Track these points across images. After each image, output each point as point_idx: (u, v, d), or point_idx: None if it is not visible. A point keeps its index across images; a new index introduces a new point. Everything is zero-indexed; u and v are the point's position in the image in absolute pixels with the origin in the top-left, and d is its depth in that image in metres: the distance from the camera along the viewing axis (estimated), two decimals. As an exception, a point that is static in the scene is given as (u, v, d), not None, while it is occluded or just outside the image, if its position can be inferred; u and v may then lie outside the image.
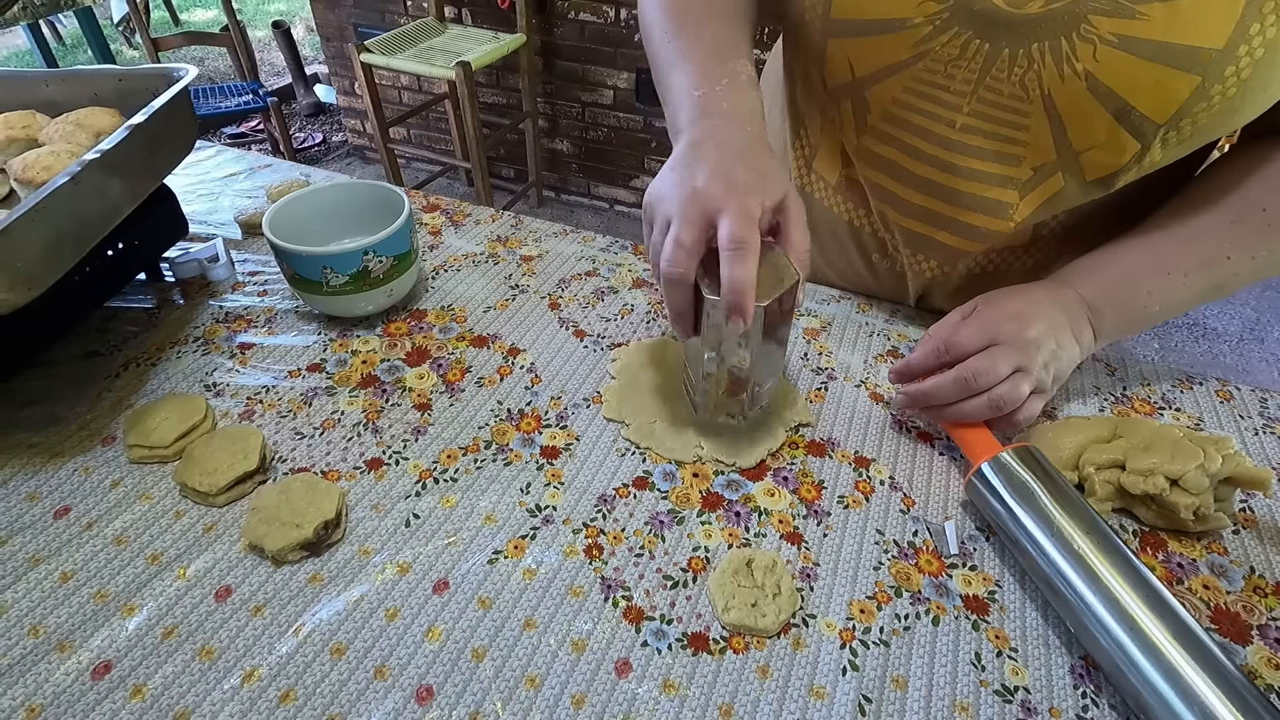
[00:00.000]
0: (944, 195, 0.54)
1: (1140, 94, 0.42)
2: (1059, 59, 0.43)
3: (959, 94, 0.48)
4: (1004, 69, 0.46)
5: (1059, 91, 0.45)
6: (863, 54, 0.50)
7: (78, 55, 3.88)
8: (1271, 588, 0.43)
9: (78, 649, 0.37)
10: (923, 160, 0.53)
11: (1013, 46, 0.45)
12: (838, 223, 0.65)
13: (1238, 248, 0.47)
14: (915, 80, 0.49)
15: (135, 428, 0.48)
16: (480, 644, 0.38)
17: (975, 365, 0.46)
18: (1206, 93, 0.41)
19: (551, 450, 0.50)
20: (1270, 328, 2.18)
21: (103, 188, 0.47)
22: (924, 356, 0.49)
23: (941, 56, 0.47)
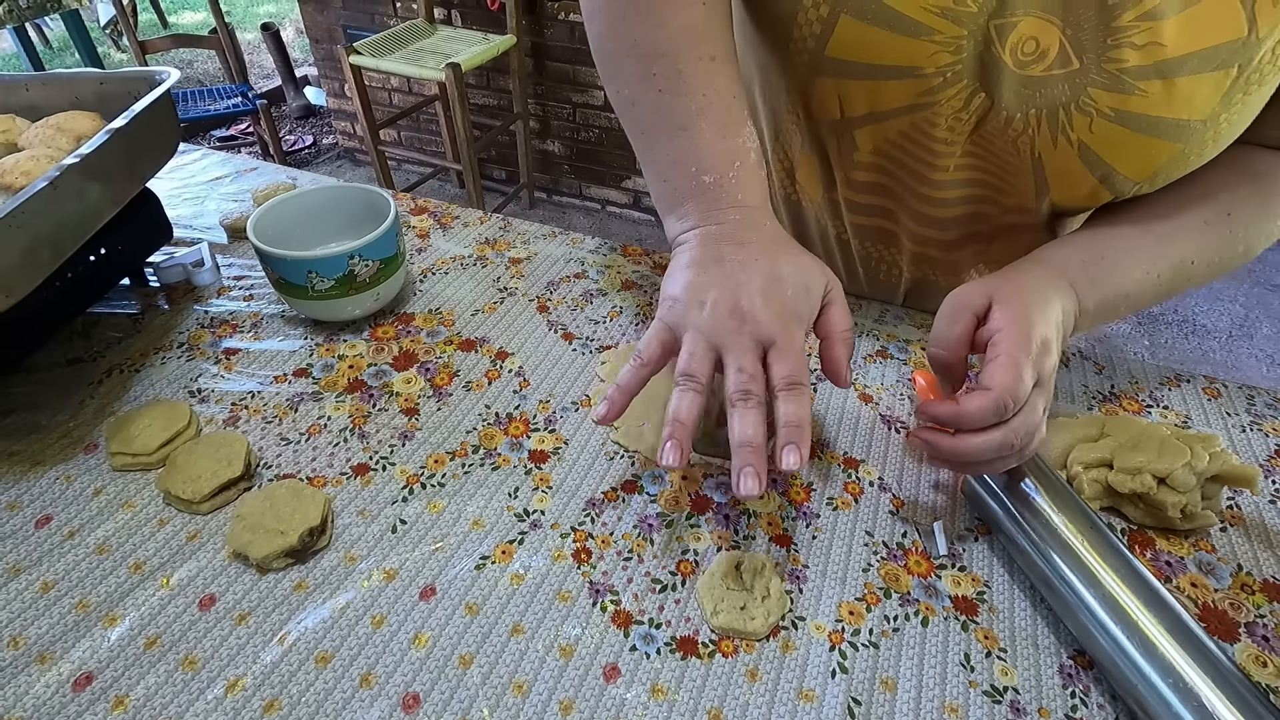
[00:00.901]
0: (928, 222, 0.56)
1: (1126, 161, 0.44)
2: (1055, 128, 0.44)
3: (953, 144, 0.48)
4: (999, 127, 0.46)
5: (1050, 157, 0.45)
6: (856, 95, 0.48)
7: (64, 58, 3.86)
8: (1259, 585, 0.43)
9: (59, 660, 0.37)
10: (913, 196, 0.55)
11: (1011, 109, 0.44)
12: (824, 234, 0.65)
13: (1202, 251, 0.47)
14: (911, 127, 0.49)
15: (118, 435, 0.47)
16: (467, 650, 0.38)
17: (1021, 426, 0.39)
18: (1185, 156, 0.43)
19: (540, 454, 0.49)
20: (1259, 324, 2.19)
21: (82, 192, 0.47)
22: (983, 414, 0.38)
23: (945, 110, 0.46)
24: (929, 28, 0.43)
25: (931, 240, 0.59)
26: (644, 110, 0.45)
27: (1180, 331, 2.16)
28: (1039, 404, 0.39)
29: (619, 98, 0.47)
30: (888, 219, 0.59)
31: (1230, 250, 0.47)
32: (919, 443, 0.43)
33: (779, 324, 0.39)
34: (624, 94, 0.46)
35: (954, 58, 0.44)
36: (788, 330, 0.39)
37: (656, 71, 0.43)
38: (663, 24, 0.43)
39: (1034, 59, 0.42)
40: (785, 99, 0.55)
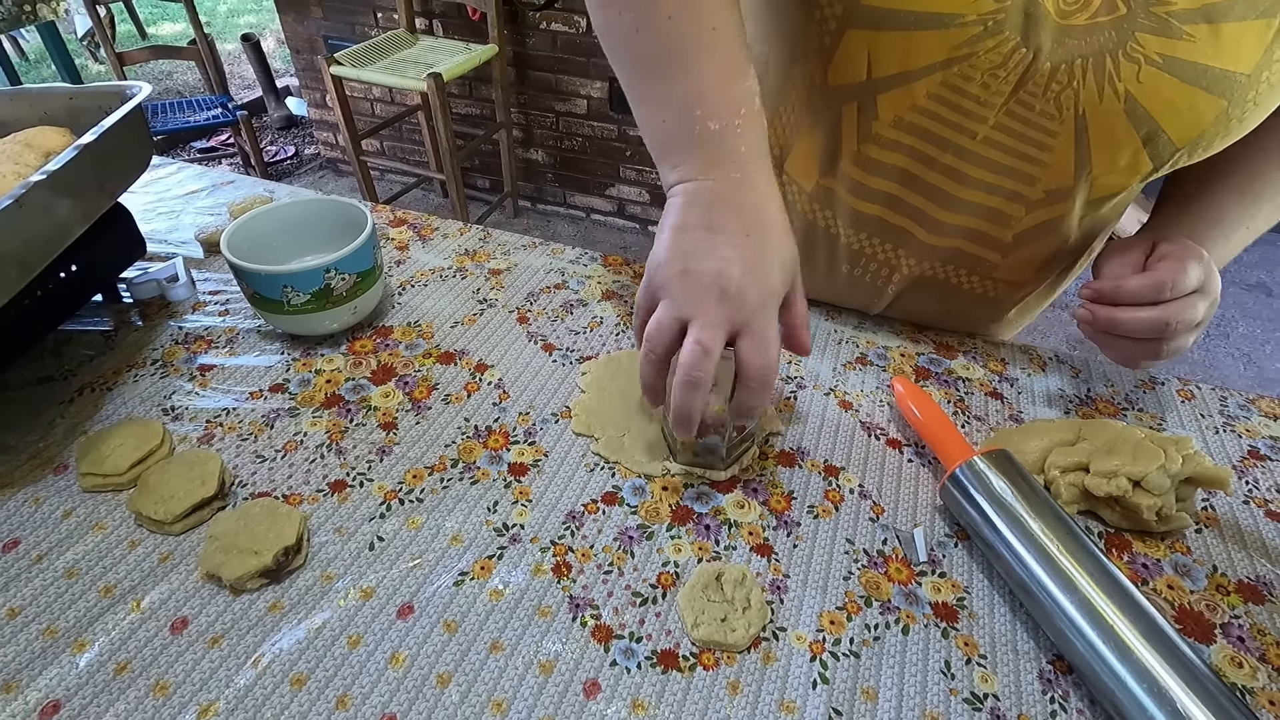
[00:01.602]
0: (947, 203, 0.52)
1: (1172, 117, 0.43)
2: (1101, 77, 0.42)
3: (988, 105, 0.46)
4: (1041, 83, 0.44)
5: (1095, 113, 0.44)
6: (888, 51, 0.45)
7: (41, 71, 3.81)
8: (1234, 586, 0.43)
9: (25, 689, 0.36)
10: (934, 169, 0.51)
11: (1055, 59, 0.43)
12: (808, 229, 0.61)
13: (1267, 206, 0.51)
14: (944, 86, 0.46)
15: (88, 455, 0.46)
16: (445, 669, 0.38)
17: (1180, 312, 0.44)
18: (1227, 116, 0.42)
19: (519, 467, 0.49)
20: (1235, 323, 2.23)
21: (50, 209, 0.46)
22: (1144, 290, 0.45)
23: (982, 64, 0.44)
24: None
25: (945, 236, 0.55)
26: (648, 39, 0.41)
27: (1159, 332, 2.19)
28: (1200, 306, 0.44)
29: (618, 22, 0.42)
30: (895, 209, 0.55)
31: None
32: (1082, 314, 0.47)
33: (757, 307, 0.38)
34: (625, 19, 0.42)
35: (997, 4, 0.42)
36: (765, 313, 0.39)
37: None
38: None
39: (1078, 7, 0.41)
40: (799, 68, 0.52)
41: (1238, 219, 0.50)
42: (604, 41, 0.44)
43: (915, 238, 0.56)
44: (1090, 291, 0.47)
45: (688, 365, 0.38)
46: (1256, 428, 0.54)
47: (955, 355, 0.60)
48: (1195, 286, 0.44)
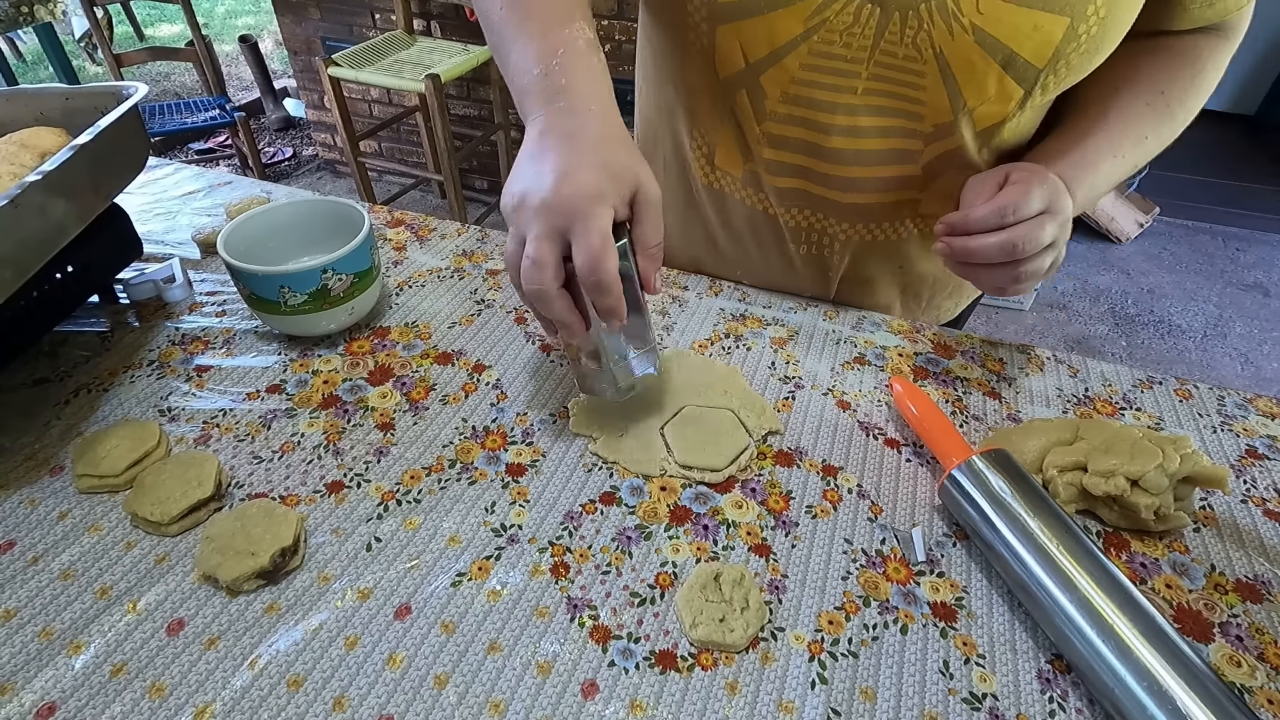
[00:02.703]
0: (854, 159, 0.56)
1: (1022, 40, 0.46)
2: (946, 16, 0.46)
3: (856, 61, 0.50)
4: (896, 31, 0.48)
5: (950, 49, 0.47)
6: (754, 36, 0.50)
7: (39, 72, 3.81)
8: (1232, 585, 0.43)
9: (20, 691, 0.36)
10: (833, 133, 0.55)
11: (902, 9, 0.47)
12: (753, 214, 0.64)
13: (1153, 128, 0.53)
14: (811, 54, 0.50)
15: (84, 456, 0.46)
16: (443, 670, 0.37)
17: (1027, 234, 0.46)
18: (1075, 32, 0.45)
19: (517, 468, 0.49)
20: (1232, 323, 2.23)
21: (45, 210, 0.46)
22: (987, 217, 0.47)
23: (836, 25, 0.48)
24: None
25: (860, 191, 0.58)
26: (496, 26, 0.48)
27: (1156, 332, 2.20)
28: (1048, 227, 0.46)
29: (485, 25, 0.50)
30: (811, 180, 0.59)
31: (1172, 120, 0.54)
32: (939, 248, 0.50)
33: (574, 210, 0.39)
34: (486, 18, 0.49)
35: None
36: (584, 215, 0.38)
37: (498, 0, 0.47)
38: None
39: None
40: (696, 75, 0.57)
41: (1101, 147, 0.52)
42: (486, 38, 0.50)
43: (839, 202, 0.60)
44: (943, 226, 0.50)
45: (524, 279, 0.40)
46: (1254, 427, 0.54)
47: (953, 355, 0.60)
48: (1040, 209, 0.46)
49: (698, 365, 0.57)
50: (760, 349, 0.60)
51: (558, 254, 0.39)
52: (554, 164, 0.40)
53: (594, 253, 0.38)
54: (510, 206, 0.41)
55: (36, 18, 2.39)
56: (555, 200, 0.39)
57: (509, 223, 0.42)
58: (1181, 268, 2.48)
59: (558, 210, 0.39)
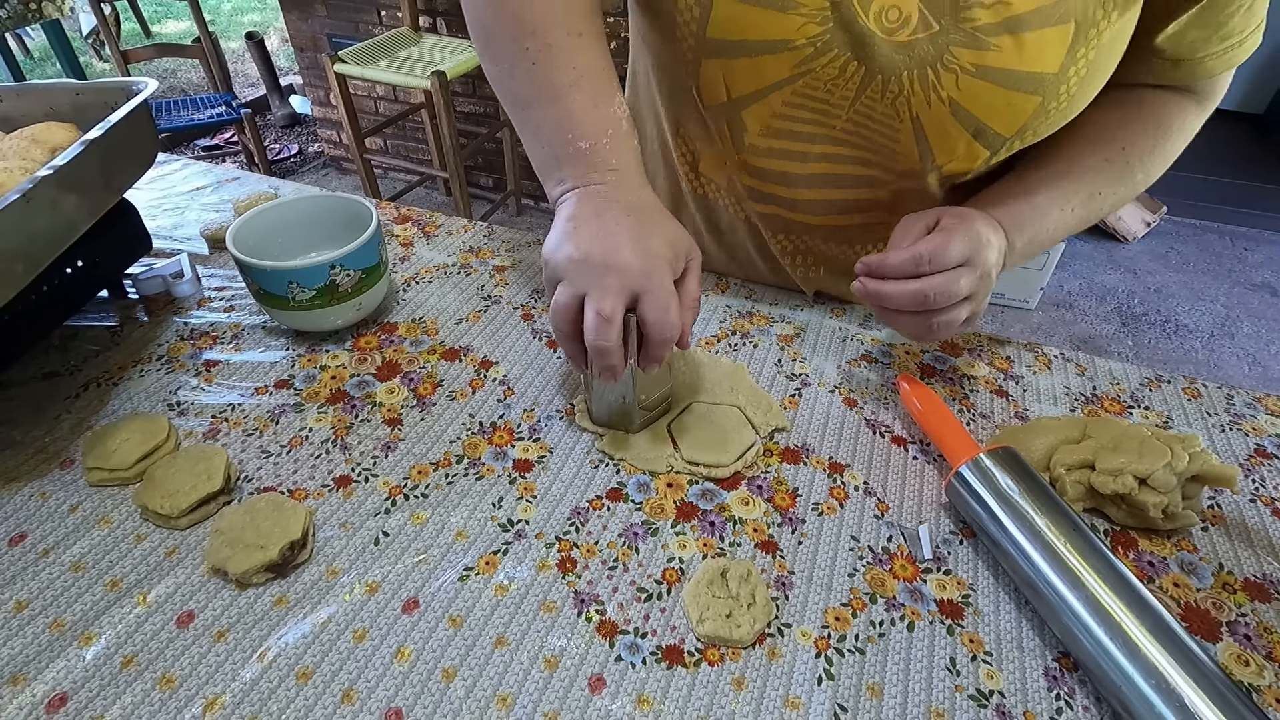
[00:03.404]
0: (830, 183, 0.57)
1: (994, 115, 0.47)
2: (926, 87, 0.47)
3: (837, 106, 0.51)
4: (877, 91, 0.48)
5: (926, 115, 0.48)
6: (739, 75, 0.51)
7: (46, 69, 3.82)
8: (1240, 584, 0.43)
9: (32, 681, 0.36)
10: (810, 160, 0.55)
11: (885, 73, 0.47)
12: (735, 220, 0.66)
13: (1108, 184, 0.53)
14: (794, 94, 0.51)
15: (95, 449, 0.47)
16: (451, 664, 0.38)
17: (940, 286, 0.46)
18: (1045, 108, 0.47)
19: (524, 464, 0.49)
20: (1239, 323, 2.22)
21: (57, 205, 0.46)
22: (903, 264, 0.47)
23: (822, 76, 0.49)
24: (794, 2, 0.46)
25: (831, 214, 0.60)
26: (520, 82, 0.47)
27: (1163, 332, 2.19)
28: (964, 279, 0.46)
29: (495, 69, 0.49)
30: (783, 206, 0.60)
31: (1130, 179, 0.53)
32: (855, 287, 0.49)
33: (644, 273, 0.41)
34: (501, 67, 0.48)
35: (821, 28, 0.47)
36: (654, 277, 0.42)
37: (529, 46, 0.46)
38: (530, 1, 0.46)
39: (898, 25, 0.46)
40: (681, 89, 0.57)
41: (1051, 198, 0.52)
42: (492, 84, 0.50)
43: (810, 223, 0.61)
44: (862, 267, 0.49)
45: (591, 333, 0.41)
46: (1263, 426, 0.54)
47: (960, 353, 0.60)
48: (958, 260, 0.46)
49: (704, 362, 0.57)
50: (767, 346, 0.60)
51: (622, 310, 0.41)
52: (619, 230, 0.42)
53: (666, 315, 0.41)
54: (566, 261, 0.42)
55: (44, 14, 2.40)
56: (627, 264, 0.41)
57: (560, 274, 0.43)
58: (1189, 267, 2.47)
59: (628, 272, 0.41)
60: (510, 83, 0.48)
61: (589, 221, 0.43)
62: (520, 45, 0.46)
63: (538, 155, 0.48)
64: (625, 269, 0.41)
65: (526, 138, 0.49)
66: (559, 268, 0.43)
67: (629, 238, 0.42)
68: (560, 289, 0.43)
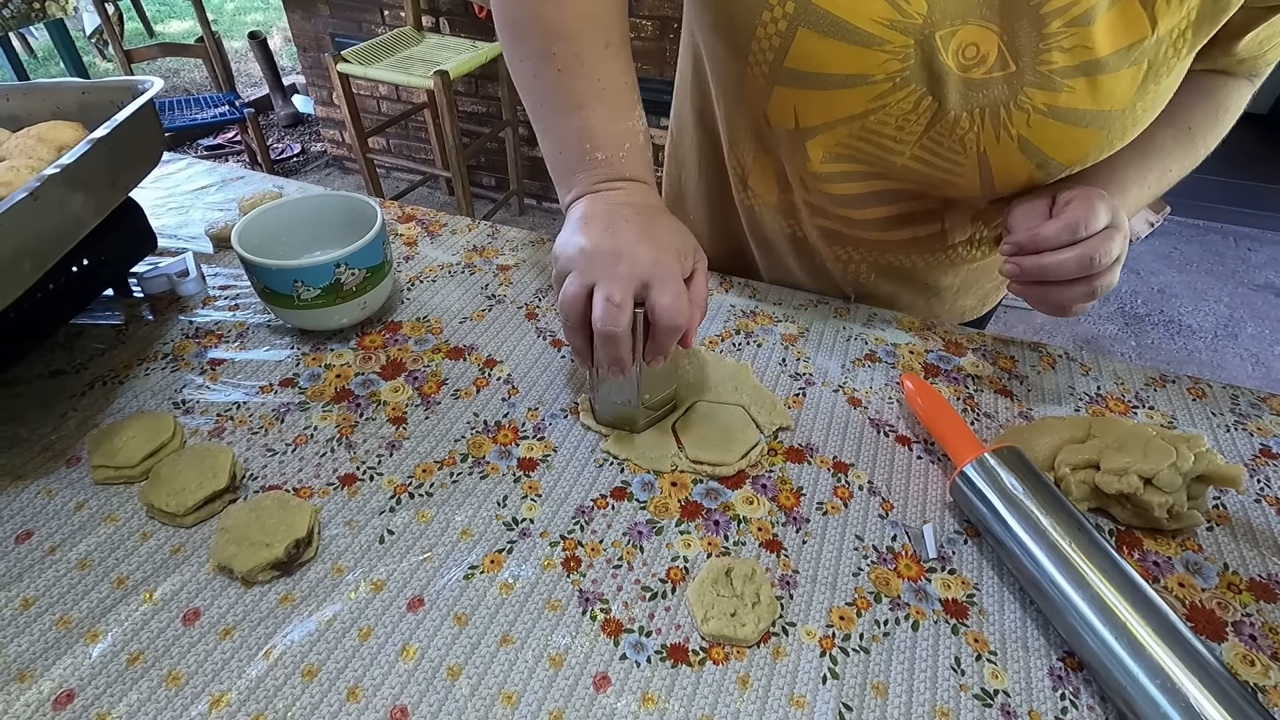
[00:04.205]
0: (884, 208, 0.59)
1: (1059, 150, 0.48)
2: (997, 124, 0.48)
3: (903, 142, 0.51)
4: (948, 127, 0.49)
5: (994, 151, 0.49)
6: (812, 105, 0.51)
7: (49, 68, 3.83)
8: (1245, 584, 0.43)
9: (39, 678, 0.36)
10: (868, 179, 0.56)
11: (958, 108, 0.48)
12: (779, 235, 0.67)
13: (1177, 161, 0.55)
14: (864, 129, 0.51)
15: (101, 448, 0.47)
16: (456, 662, 0.38)
17: (1100, 246, 0.46)
18: (1109, 140, 0.48)
19: (529, 462, 0.49)
20: (1243, 324, 2.22)
21: (64, 203, 0.46)
22: (1060, 233, 0.46)
23: (894, 111, 0.49)
24: (879, 38, 0.46)
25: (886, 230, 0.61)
26: (544, 86, 0.48)
27: (1166, 332, 2.18)
28: (1116, 240, 0.46)
29: (520, 68, 0.49)
30: (840, 223, 0.62)
31: (1194, 154, 0.55)
32: (1009, 269, 0.49)
33: (654, 262, 0.42)
34: (526, 66, 0.48)
35: (902, 65, 0.46)
36: (663, 266, 0.42)
37: (556, 51, 0.46)
38: (562, 6, 0.46)
39: (975, 63, 0.46)
40: (743, 107, 0.57)
41: (1130, 175, 0.53)
42: (513, 77, 0.51)
43: (871, 240, 0.63)
44: (1010, 246, 0.49)
45: (600, 319, 0.41)
46: (1268, 426, 0.54)
47: (964, 352, 0.60)
48: (1107, 222, 0.46)
49: (709, 362, 0.57)
50: (771, 346, 0.60)
51: (631, 297, 0.41)
52: (630, 227, 0.43)
53: (675, 303, 0.41)
54: (577, 252, 0.43)
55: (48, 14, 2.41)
56: (638, 254, 0.42)
57: (570, 266, 0.43)
58: (1192, 268, 2.46)
59: (638, 262, 0.42)
60: (534, 84, 0.48)
61: (600, 219, 0.44)
62: (548, 49, 0.46)
63: (553, 159, 0.49)
64: (635, 258, 0.42)
65: (544, 139, 0.49)
66: (569, 260, 0.43)
67: (639, 231, 0.43)
68: (569, 280, 0.43)
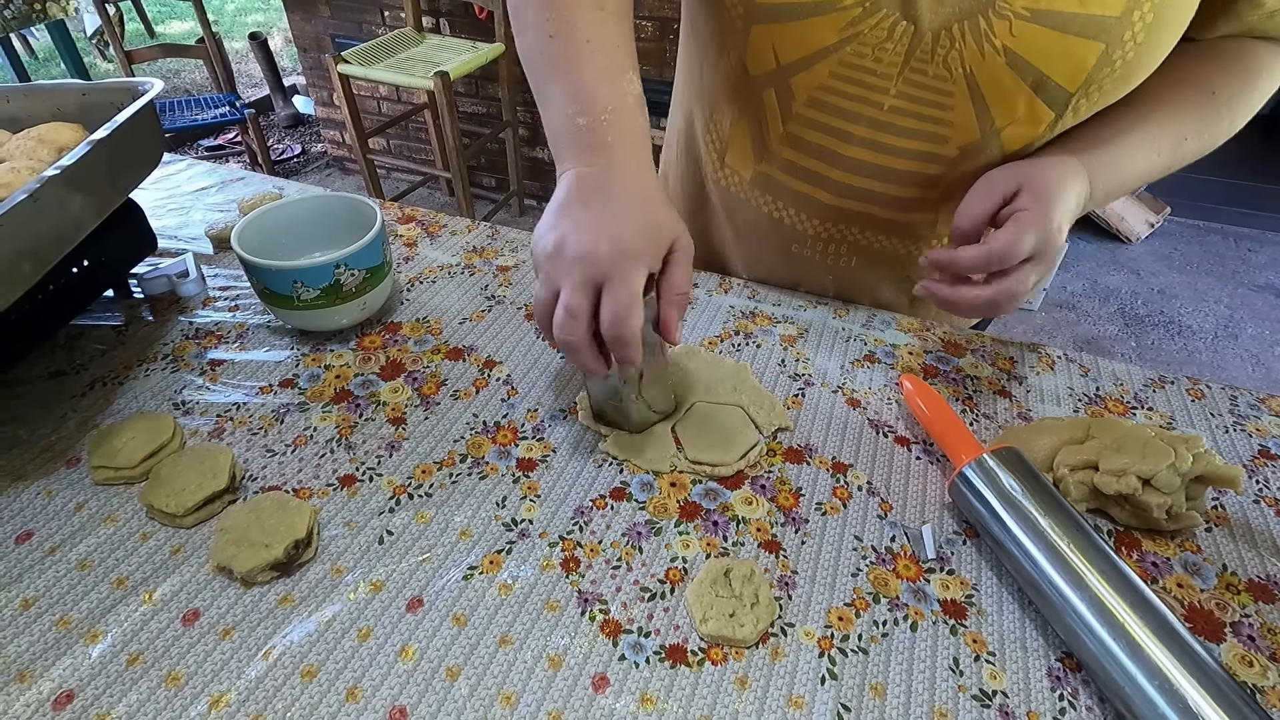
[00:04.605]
0: (874, 173, 0.56)
1: (1054, 64, 0.46)
2: (979, 37, 0.46)
3: (885, 76, 0.50)
4: (928, 50, 0.48)
5: (980, 69, 0.47)
6: (788, 40, 0.51)
7: (50, 69, 3.83)
8: (1244, 585, 0.43)
9: (39, 679, 0.36)
10: (852, 142, 0.55)
11: (935, 27, 0.47)
12: (756, 216, 0.65)
13: (1195, 129, 0.52)
14: (842, 65, 0.51)
15: (100, 448, 0.47)
16: (455, 662, 0.38)
17: (1011, 289, 0.46)
18: (1110, 58, 0.45)
19: (528, 463, 0.49)
20: (1243, 324, 2.22)
21: (64, 204, 0.46)
22: (975, 263, 0.46)
23: (869, 40, 0.49)
24: None
25: (875, 204, 0.59)
26: (539, 55, 0.47)
27: (1166, 333, 2.18)
28: (1030, 277, 0.46)
29: (521, 44, 0.49)
30: (826, 188, 0.59)
31: (1218, 124, 0.52)
32: (920, 291, 0.49)
33: (611, 264, 0.40)
34: (524, 39, 0.48)
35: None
36: (619, 268, 0.40)
37: (550, 17, 0.46)
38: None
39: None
40: (726, 69, 0.57)
41: (1141, 142, 0.51)
42: (523, 64, 0.50)
43: (850, 210, 0.60)
44: (929, 261, 0.49)
45: (557, 329, 0.41)
46: (1267, 427, 0.54)
47: (963, 353, 0.60)
48: (1028, 254, 0.45)
49: (708, 362, 0.57)
50: (770, 346, 0.60)
51: (590, 306, 0.41)
52: (595, 220, 0.41)
53: (621, 311, 0.40)
54: (544, 254, 0.42)
55: (49, 15, 2.41)
56: (594, 256, 0.40)
57: (538, 269, 0.43)
58: (1192, 268, 2.46)
59: (596, 264, 0.40)
60: (530, 55, 0.48)
61: (570, 210, 0.43)
62: (541, 17, 0.46)
63: (549, 132, 0.47)
64: (594, 257, 0.40)
65: (542, 113, 0.48)
66: (537, 263, 0.43)
67: (604, 228, 0.41)
68: (538, 286, 0.43)
